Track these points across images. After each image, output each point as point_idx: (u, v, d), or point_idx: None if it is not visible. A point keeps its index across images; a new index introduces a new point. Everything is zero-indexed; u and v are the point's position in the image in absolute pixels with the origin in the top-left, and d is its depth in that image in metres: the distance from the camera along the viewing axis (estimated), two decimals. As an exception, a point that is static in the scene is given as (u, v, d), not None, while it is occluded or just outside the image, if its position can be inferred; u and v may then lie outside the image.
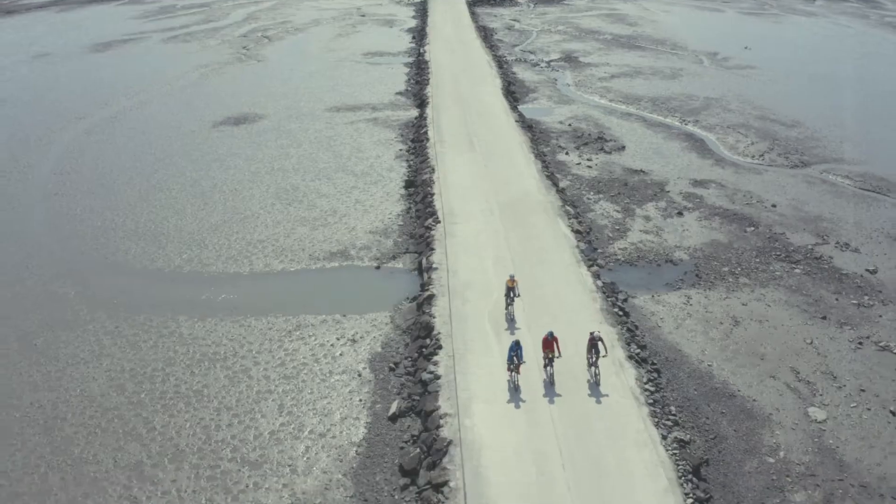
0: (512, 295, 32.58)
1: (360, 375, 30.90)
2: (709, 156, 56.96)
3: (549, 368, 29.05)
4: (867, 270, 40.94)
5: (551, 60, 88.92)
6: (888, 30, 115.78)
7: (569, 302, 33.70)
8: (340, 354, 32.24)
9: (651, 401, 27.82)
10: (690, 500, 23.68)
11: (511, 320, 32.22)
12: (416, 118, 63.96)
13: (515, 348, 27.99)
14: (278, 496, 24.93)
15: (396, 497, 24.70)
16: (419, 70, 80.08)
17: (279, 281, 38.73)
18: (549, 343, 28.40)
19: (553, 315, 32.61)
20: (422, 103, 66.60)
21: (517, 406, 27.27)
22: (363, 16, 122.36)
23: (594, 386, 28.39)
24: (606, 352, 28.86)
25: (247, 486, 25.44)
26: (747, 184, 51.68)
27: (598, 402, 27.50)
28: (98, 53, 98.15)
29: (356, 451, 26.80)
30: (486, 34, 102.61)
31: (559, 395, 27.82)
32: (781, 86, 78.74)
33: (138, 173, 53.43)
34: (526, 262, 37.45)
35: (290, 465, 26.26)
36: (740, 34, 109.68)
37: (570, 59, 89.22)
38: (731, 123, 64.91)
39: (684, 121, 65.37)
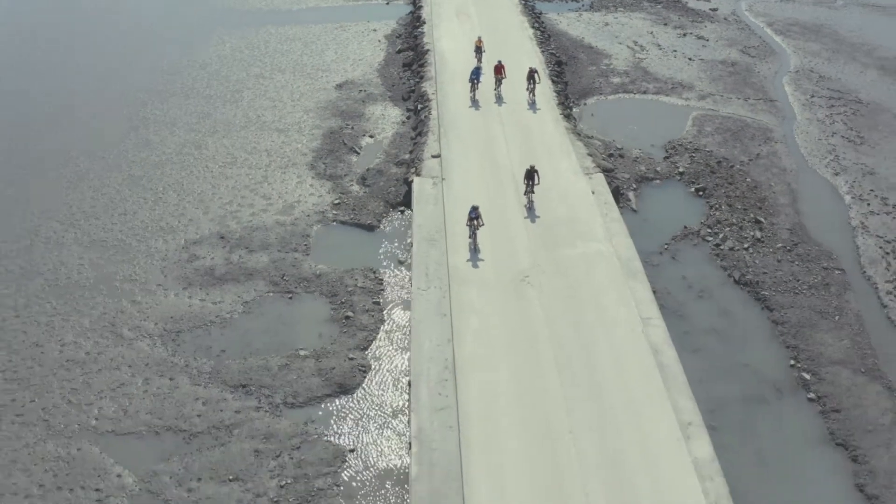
0: (479, 53, 43.12)
1: (379, 42, 53.74)
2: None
3: (498, 88, 39.73)
4: (710, 9, 62.98)
5: None
6: None
7: (502, 5, 56.25)
8: (367, 34, 55.03)
9: (540, 43, 50.63)
10: (552, 65, 46.64)
11: (476, 70, 40.53)
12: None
13: (477, 73, 39.12)
14: (338, 77, 48.14)
15: (402, 74, 48.01)
16: None
17: (326, 11, 61.03)
18: (499, 68, 39.01)
19: (493, 17, 54.65)
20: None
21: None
22: None
23: (532, 104, 39.89)
24: (540, 80, 39.38)
25: (321, 76, 48.64)
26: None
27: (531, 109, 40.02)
28: None
29: (378, 63, 49.90)
30: None
31: (505, 103, 40.41)
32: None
33: None
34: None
35: (343, 69, 49.35)
36: None
37: None
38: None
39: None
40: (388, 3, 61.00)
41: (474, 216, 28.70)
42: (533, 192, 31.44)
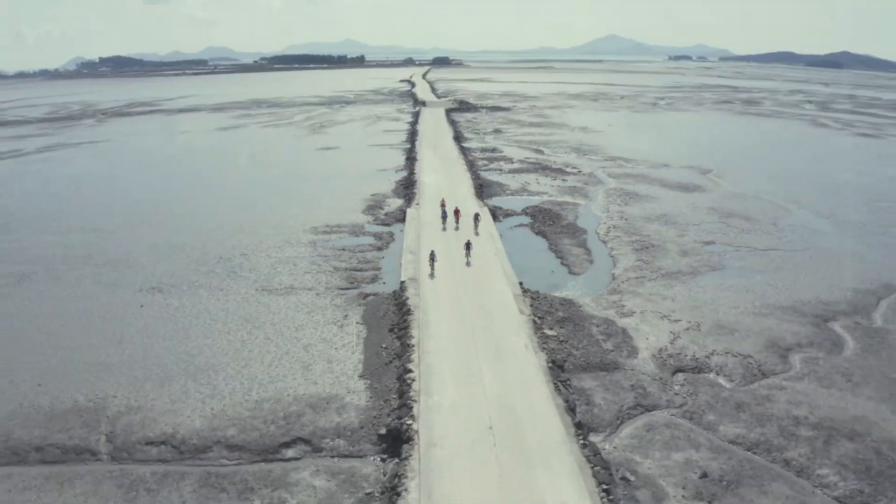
0: (443, 208, 79.18)
1: (392, 184, 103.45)
2: (540, 154, 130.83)
3: (457, 223, 75.06)
4: (577, 171, 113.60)
5: (487, 132, 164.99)
6: (732, 115, 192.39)
7: (455, 167, 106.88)
8: (384, 181, 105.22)
9: (474, 181, 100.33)
10: (476, 185, 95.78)
11: (444, 212, 74.76)
12: (409, 147, 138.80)
13: (444, 212, 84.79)
14: (370, 192, 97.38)
15: (402, 190, 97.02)
16: (411, 136, 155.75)
17: (363, 176, 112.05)
18: (457, 212, 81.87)
19: (450, 172, 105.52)
20: (412, 146, 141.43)
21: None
22: (378, 118, 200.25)
23: (475, 233, 70.31)
24: (481, 218, 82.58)
25: (360, 192, 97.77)
26: (549, 158, 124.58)
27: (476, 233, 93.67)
28: (224, 132, 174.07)
29: (392, 187, 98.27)
30: (452, 122, 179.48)
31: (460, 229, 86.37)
32: (606, 138, 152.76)
33: (281, 163, 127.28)
34: (440, 157, 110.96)
35: (372, 191, 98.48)
36: (614, 120, 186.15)
37: (497, 131, 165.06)
38: (562, 147, 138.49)
39: (538, 147, 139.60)
40: (396, 172, 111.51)
41: (433, 258, 60.30)
42: (470, 256, 61.76)
